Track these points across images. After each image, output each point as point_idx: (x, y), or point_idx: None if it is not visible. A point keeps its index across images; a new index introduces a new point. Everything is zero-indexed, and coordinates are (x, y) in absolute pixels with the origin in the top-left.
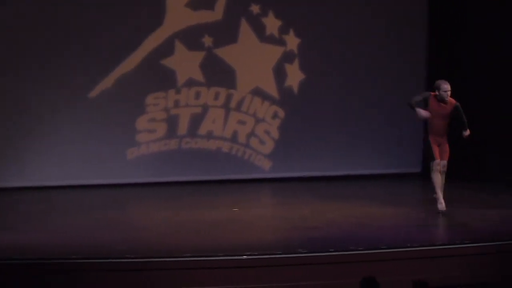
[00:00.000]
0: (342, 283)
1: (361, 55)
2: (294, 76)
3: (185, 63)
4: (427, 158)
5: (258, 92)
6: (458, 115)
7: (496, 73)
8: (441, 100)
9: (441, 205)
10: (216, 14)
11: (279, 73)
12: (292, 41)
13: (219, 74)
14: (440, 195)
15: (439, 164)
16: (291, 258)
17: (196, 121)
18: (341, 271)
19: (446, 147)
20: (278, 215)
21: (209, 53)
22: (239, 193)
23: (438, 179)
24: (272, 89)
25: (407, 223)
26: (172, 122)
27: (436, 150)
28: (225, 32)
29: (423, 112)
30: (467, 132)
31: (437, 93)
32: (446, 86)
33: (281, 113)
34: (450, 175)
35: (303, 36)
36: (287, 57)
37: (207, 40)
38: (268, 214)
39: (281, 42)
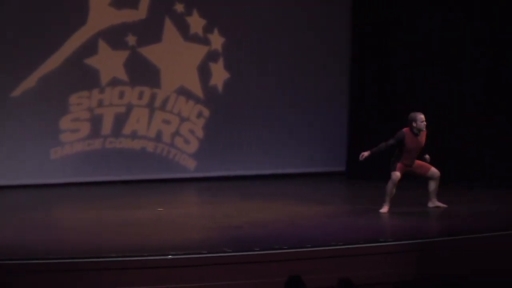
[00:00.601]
0: (267, 282)
1: (285, 54)
2: (219, 75)
3: (109, 62)
4: (390, 169)
5: (182, 91)
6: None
7: (425, 69)
8: (418, 132)
9: (386, 207)
10: (140, 13)
11: (204, 72)
12: (217, 40)
13: (143, 73)
14: (388, 202)
15: (398, 178)
16: (217, 257)
17: (120, 120)
18: (266, 270)
19: (419, 162)
20: (203, 214)
21: (133, 52)
22: (164, 192)
23: (392, 190)
24: (196, 88)
25: (331, 222)
26: (96, 122)
27: (400, 168)
28: (149, 31)
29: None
30: (427, 157)
31: (413, 125)
32: (422, 117)
33: (206, 112)
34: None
35: (228, 35)
36: (211, 56)
37: (131, 39)
38: (193, 213)
39: (205, 41)
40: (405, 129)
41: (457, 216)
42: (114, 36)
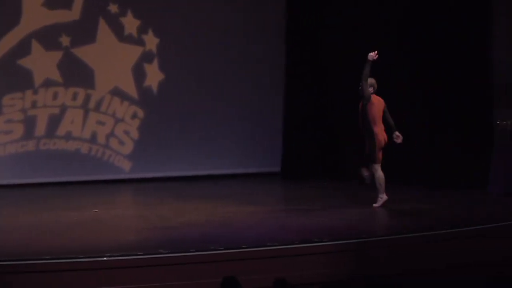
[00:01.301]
0: (203, 283)
1: (220, 55)
2: (153, 76)
3: (42, 63)
4: (372, 160)
5: (117, 92)
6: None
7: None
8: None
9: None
10: (74, 13)
11: (138, 73)
12: (151, 41)
13: (77, 74)
14: (383, 193)
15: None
16: (152, 258)
17: (54, 122)
18: (201, 271)
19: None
20: (138, 215)
21: (66, 53)
22: (99, 194)
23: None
24: (131, 89)
25: (266, 222)
26: (29, 123)
27: (380, 155)
28: (83, 32)
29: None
30: (399, 137)
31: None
32: (373, 82)
33: (141, 113)
34: (305, 174)
35: (162, 36)
36: (146, 57)
37: (65, 40)
38: (129, 214)
39: (140, 42)
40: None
41: (393, 216)
42: (47, 37)
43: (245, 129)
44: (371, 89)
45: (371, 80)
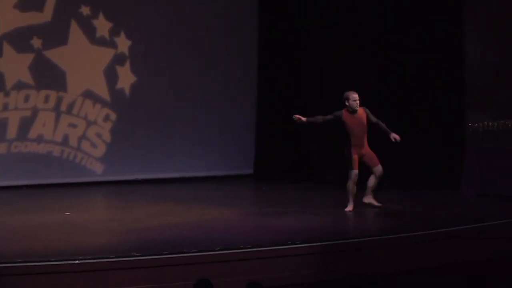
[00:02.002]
0: (177, 285)
1: (193, 57)
2: (126, 78)
3: (13, 66)
4: (346, 167)
5: (89, 95)
6: (371, 119)
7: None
8: (353, 111)
9: (350, 206)
10: (45, 15)
11: (111, 76)
12: (123, 43)
13: (49, 76)
14: (351, 201)
15: (356, 174)
16: (125, 261)
17: (26, 124)
18: (175, 274)
19: (371, 153)
20: (111, 218)
21: (38, 55)
22: (72, 196)
23: (353, 189)
24: (103, 92)
25: (240, 224)
26: (0, 126)
27: (356, 161)
28: (55, 34)
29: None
30: (397, 136)
31: (346, 103)
32: (354, 96)
33: (113, 116)
34: (278, 176)
35: (134, 38)
36: (118, 59)
37: (36, 42)
38: (101, 217)
39: (112, 44)
40: (343, 109)
41: (366, 218)
42: (19, 39)
43: (217, 131)
44: (346, 102)
45: (345, 94)
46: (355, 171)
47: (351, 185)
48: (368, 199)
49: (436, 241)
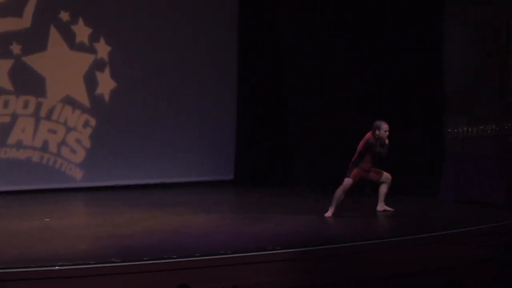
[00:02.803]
0: None
1: (173, 62)
2: (105, 84)
3: None
4: (344, 175)
5: (68, 101)
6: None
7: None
8: (380, 139)
9: (330, 212)
10: (24, 21)
11: (90, 81)
12: (103, 49)
13: (28, 82)
14: (334, 207)
15: (350, 184)
16: (105, 267)
17: (5, 130)
18: (155, 280)
19: (376, 169)
20: (91, 224)
21: (17, 61)
22: (51, 203)
23: (341, 196)
24: (83, 98)
25: (219, 230)
26: None
27: (356, 174)
28: (34, 40)
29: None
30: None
31: (376, 132)
32: (386, 126)
33: (92, 122)
34: (258, 182)
35: (114, 43)
36: (98, 65)
37: (16, 48)
38: (81, 223)
39: (91, 50)
40: (369, 135)
41: (346, 223)
42: None
43: (197, 137)
44: (377, 131)
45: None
46: (349, 180)
47: (339, 192)
48: (382, 206)
49: (416, 246)
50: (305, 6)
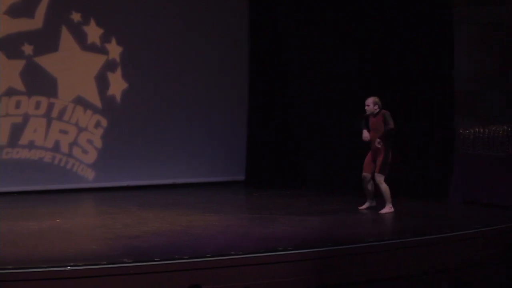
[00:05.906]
0: None
1: (184, 63)
2: (117, 85)
3: (5, 72)
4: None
5: (80, 101)
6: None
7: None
8: (370, 114)
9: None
10: (36, 22)
11: (102, 82)
12: (114, 50)
13: (40, 82)
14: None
15: (365, 178)
16: (116, 268)
17: (17, 130)
18: (166, 280)
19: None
20: (102, 224)
21: (29, 61)
22: (63, 203)
23: (367, 188)
24: (94, 98)
25: (231, 231)
26: None
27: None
28: (46, 40)
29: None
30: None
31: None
32: (366, 101)
33: (104, 122)
34: (273, 183)
35: (125, 44)
36: (109, 66)
37: (27, 49)
38: (92, 224)
39: (103, 51)
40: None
41: (356, 224)
42: (10, 45)
43: (209, 138)
44: (376, 107)
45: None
46: (363, 174)
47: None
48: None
49: (424, 246)
50: (311, 10)
